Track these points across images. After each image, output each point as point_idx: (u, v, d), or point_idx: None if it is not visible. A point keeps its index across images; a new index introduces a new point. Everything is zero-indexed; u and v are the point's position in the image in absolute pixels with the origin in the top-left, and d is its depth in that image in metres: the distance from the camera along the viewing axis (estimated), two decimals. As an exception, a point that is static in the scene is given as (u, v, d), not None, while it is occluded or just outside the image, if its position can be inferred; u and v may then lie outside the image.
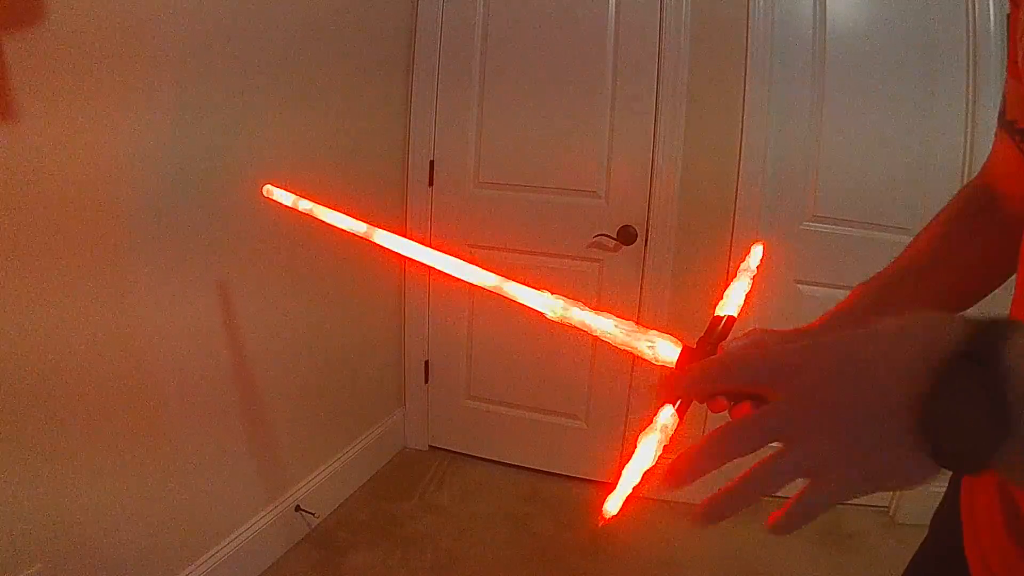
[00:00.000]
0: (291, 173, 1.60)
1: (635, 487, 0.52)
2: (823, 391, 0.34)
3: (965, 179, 1.81)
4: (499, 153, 2.11)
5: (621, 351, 0.63)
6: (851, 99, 1.87)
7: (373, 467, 2.20)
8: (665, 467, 0.39)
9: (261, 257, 1.55)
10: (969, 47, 1.79)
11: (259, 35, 1.46)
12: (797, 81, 1.88)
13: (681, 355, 0.59)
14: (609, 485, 0.47)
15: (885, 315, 0.35)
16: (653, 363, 0.60)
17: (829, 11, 1.84)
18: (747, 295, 0.65)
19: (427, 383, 2.35)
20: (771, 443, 0.36)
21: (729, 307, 0.64)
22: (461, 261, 0.65)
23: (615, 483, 0.52)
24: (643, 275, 2.03)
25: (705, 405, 0.61)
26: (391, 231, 0.77)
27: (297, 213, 0.89)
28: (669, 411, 0.55)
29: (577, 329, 0.62)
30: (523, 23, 2.03)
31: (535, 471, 2.25)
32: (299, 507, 1.77)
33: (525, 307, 0.63)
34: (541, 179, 2.08)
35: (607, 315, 0.60)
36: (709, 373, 0.44)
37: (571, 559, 1.82)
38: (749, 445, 0.35)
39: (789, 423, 0.35)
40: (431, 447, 2.39)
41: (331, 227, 0.83)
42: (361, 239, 0.81)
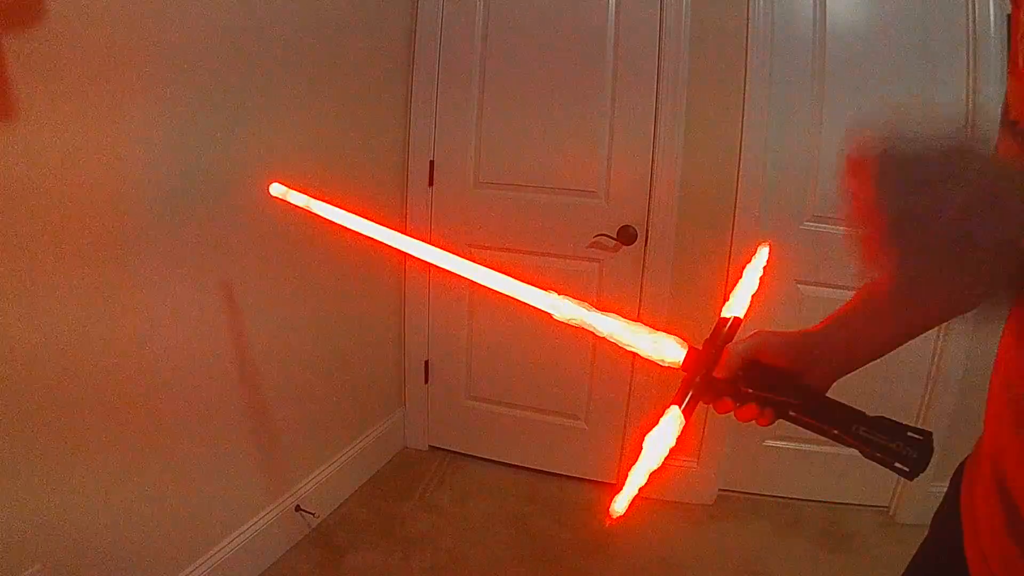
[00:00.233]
0: (292, 173, 1.59)
1: (641, 488, 0.53)
2: None
3: (965, 179, 1.81)
4: (499, 153, 2.11)
5: (622, 351, 0.63)
6: (851, 99, 1.87)
7: (373, 467, 2.20)
8: (673, 469, 0.39)
9: (262, 257, 1.55)
10: (969, 47, 1.79)
11: (260, 35, 1.46)
12: (797, 81, 1.88)
13: (687, 356, 0.59)
14: (609, 484, 0.47)
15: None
16: (659, 364, 0.60)
17: (829, 11, 1.84)
18: (753, 296, 0.65)
19: (427, 383, 2.35)
20: None
21: (735, 308, 0.65)
22: (473, 264, 0.66)
23: (622, 483, 0.53)
24: (643, 275, 2.03)
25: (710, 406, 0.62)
26: (391, 231, 0.77)
27: (302, 212, 0.89)
28: (676, 412, 0.55)
29: (580, 329, 0.62)
30: (523, 23, 2.03)
31: (535, 471, 2.25)
32: (299, 507, 1.77)
33: (528, 307, 0.64)
34: (541, 179, 2.08)
35: (614, 316, 0.60)
36: None
37: (571, 559, 1.82)
38: None
39: None
40: (431, 447, 2.39)
41: (333, 225, 0.83)
42: (363, 238, 0.81)
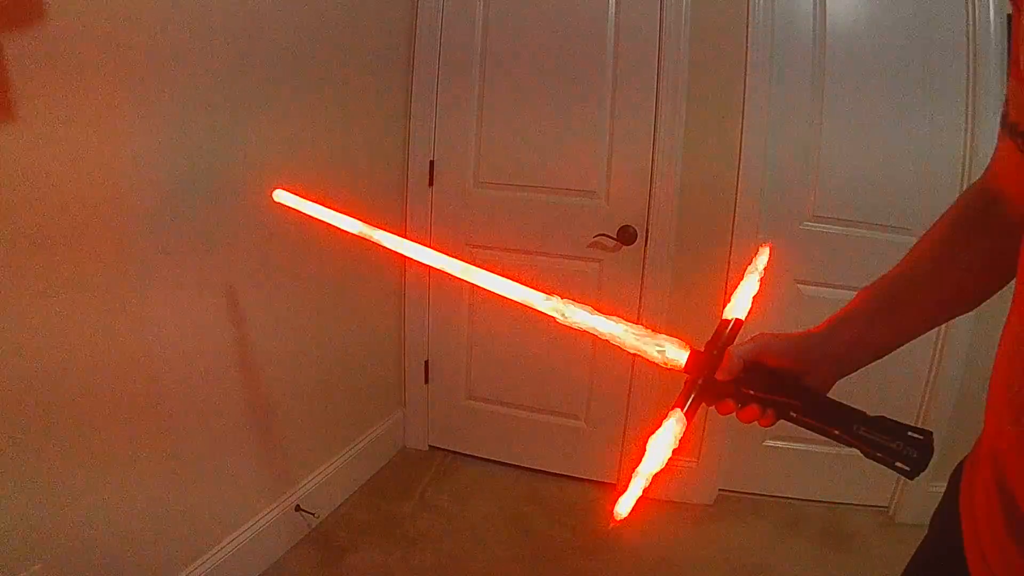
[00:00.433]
0: (292, 173, 1.60)
1: (644, 489, 0.54)
2: None
3: (965, 179, 1.81)
4: (499, 153, 2.11)
5: (622, 351, 0.63)
6: (851, 99, 1.87)
7: (373, 467, 2.20)
8: (673, 469, 0.40)
9: (262, 257, 1.55)
10: (969, 48, 1.79)
11: (260, 36, 1.46)
12: (797, 81, 1.88)
13: (689, 358, 0.60)
14: (609, 484, 0.48)
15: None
16: (663, 366, 0.60)
17: (829, 11, 1.84)
18: (754, 297, 0.66)
19: (427, 383, 2.35)
20: None
21: (736, 310, 0.65)
22: (479, 269, 0.67)
23: (625, 485, 0.53)
24: (643, 275, 2.03)
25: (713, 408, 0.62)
26: (391, 231, 0.77)
27: (303, 216, 0.89)
28: (678, 415, 0.56)
29: (581, 330, 0.63)
30: (523, 23, 2.03)
31: (535, 471, 2.25)
32: (299, 507, 1.77)
33: (529, 308, 0.64)
34: (541, 179, 2.08)
35: (617, 320, 0.61)
36: None
37: (571, 559, 1.82)
38: None
39: None
40: (431, 447, 2.39)
41: (333, 227, 0.83)
42: (362, 238, 0.81)
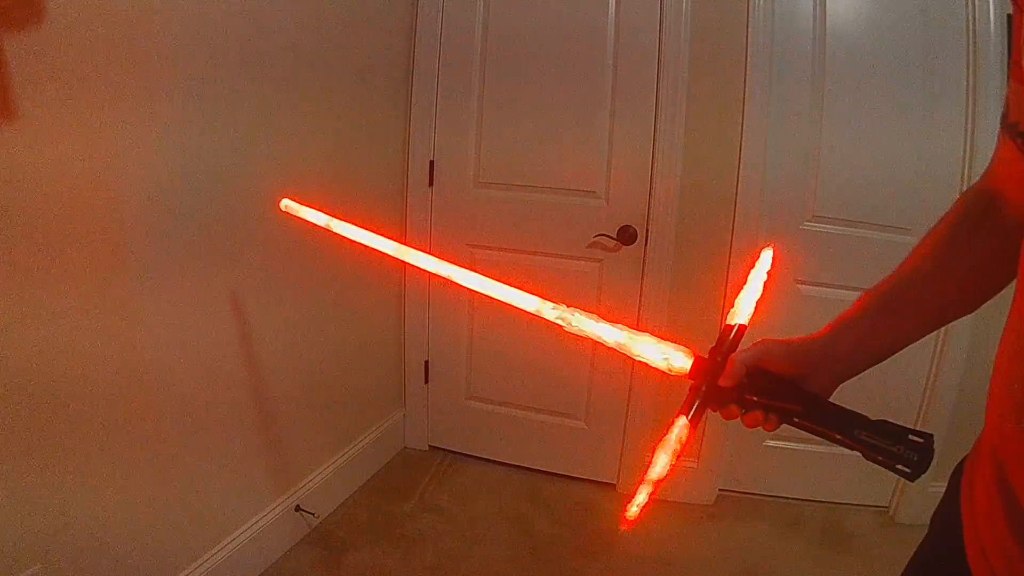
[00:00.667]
0: (292, 174, 1.60)
1: (651, 494, 0.56)
2: None
3: (965, 179, 1.81)
4: (499, 153, 2.11)
5: (621, 352, 0.64)
6: (851, 99, 1.87)
7: (373, 467, 2.20)
8: (673, 469, 0.41)
9: (262, 258, 1.55)
10: (969, 48, 1.79)
11: (262, 37, 1.45)
12: (797, 81, 1.88)
13: (693, 365, 0.61)
14: (609, 484, 0.49)
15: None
16: (667, 373, 0.62)
17: (829, 11, 1.84)
18: (757, 301, 0.67)
19: (427, 383, 2.35)
20: None
21: (740, 316, 0.66)
22: (484, 277, 0.68)
23: (633, 491, 0.55)
24: (643, 275, 2.03)
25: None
26: (391, 231, 0.78)
27: (304, 218, 0.89)
28: (683, 422, 0.57)
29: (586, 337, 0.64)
30: (523, 23, 2.03)
31: (535, 471, 2.25)
32: (299, 507, 1.77)
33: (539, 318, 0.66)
34: (541, 179, 2.08)
35: (622, 327, 0.62)
36: None
37: (571, 559, 1.82)
38: None
39: None
40: (431, 447, 2.39)
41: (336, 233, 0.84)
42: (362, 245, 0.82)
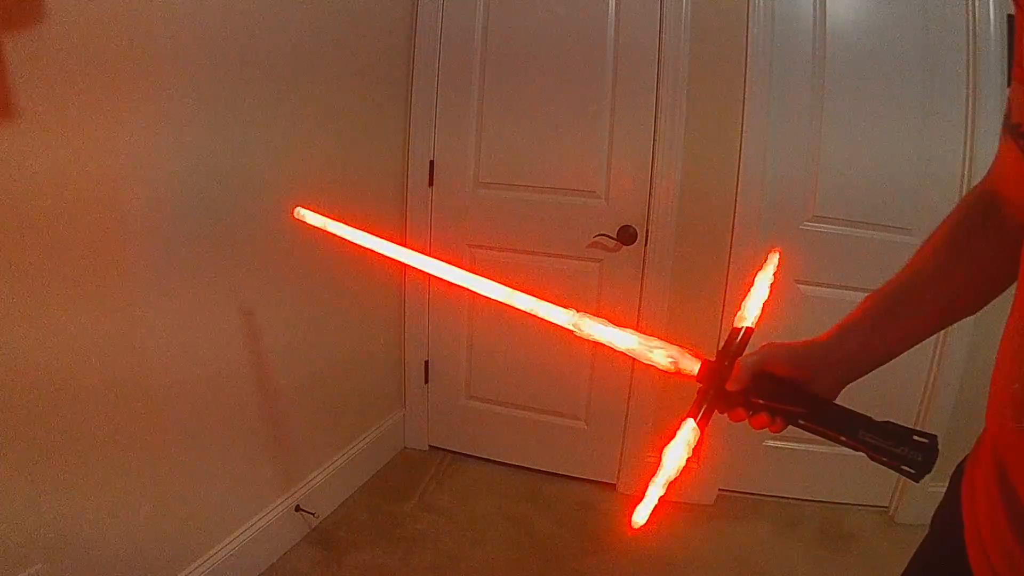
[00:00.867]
0: (292, 174, 1.60)
1: (660, 497, 0.56)
2: None
3: (965, 179, 1.81)
4: (499, 153, 2.11)
5: (621, 352, 0.65)
6: (851, 99, 1.87)
7: (373, 467, 2.20)
8: (692, 474, 0.41)
9: (261, 259, 1.55)
10: (969, 48, 1.79)
11: (262, 37, 1.45)
12: (797, 81, 1.88)
13: (701, 368, 0.61)
14: (609, 484, 0.49)
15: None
16: (674, 376, 0.62)
17: (829, 11, 1.84)
18: (764, 304, 0.67)
19: (427, 383, 2.35)
20: None
21: (747, 319, 0.67)
22: (496, 284, 0.69)
23: (640, 493, 0.56)
24: (643, 275, 2.03)
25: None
26: (391, 231, 0.78)
27: (303, 219, 0.90)
28: (691, 424, 0.58)
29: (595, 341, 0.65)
30: (523, 24, 2.03)
31: (535, 471, 2.25)
32: (299, 507, 1.77)
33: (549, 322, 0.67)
34: (541, 179, 2.08)
35: (632, 331, 0.63)
36: None
37: (571, 559, 1.82)
38: None
39: None
40: (431, 447, 2.39)
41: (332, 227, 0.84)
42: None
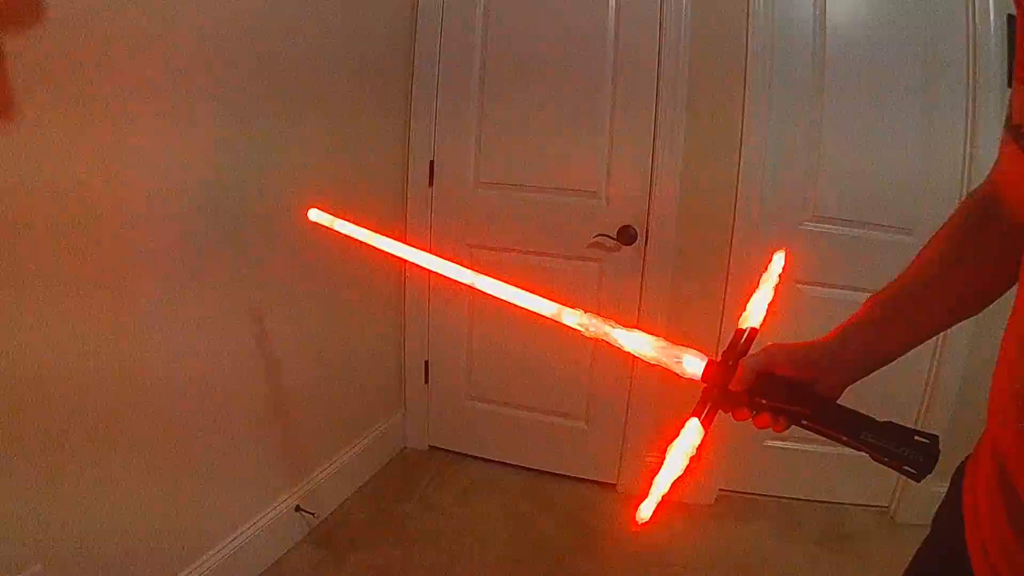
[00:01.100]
0: (292, 174, 1.60)
1: (665, 495, 0.56)
2: None
3: (965, 179, 1.81)
4: (499, 153, 2.11)
5: (622, 351, 0.65)
6: (851, 99, 1.87)
7: (373, 467, 2.20)
8: (692, 473, 0.42)
9: (261, 260, 1.55)
10: (969, 48, 1.78)
11: (265, 40, 1.45)
12: (797, 81, 1.88)
13: (706, 368, 0.62)
14: (609, 484, 0.49)
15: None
16: (681, 376, 0.63)
17: (829, 12, 1.84)
18: (769, 304, 0.68)
19: (427, 383, 2.35)
20: None
21: (751, 319, 0.67)
22: (507, 285, 0.70)
23: (646, 492, 0.56)
24: (643, 275, 2.03)
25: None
26: (391, 231, 0.79)
27: (302, 217, 0.90)
28: (695, 423, 0.58)
29: (602, 340, 0.65)
30: (523, 24, 2.03)
31: (535, 471, 2.25)
32: (299, 507, 1.77)
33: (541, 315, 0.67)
34: (541, 179, 2.08)
35: (638, 332, 0.64)
36: None
37: (571, 559, 1.82)
38: None
39: None
40: (431, 447, 2.39)
41: (336, 232, 0.85)
42: (361, 241, 0.82)
